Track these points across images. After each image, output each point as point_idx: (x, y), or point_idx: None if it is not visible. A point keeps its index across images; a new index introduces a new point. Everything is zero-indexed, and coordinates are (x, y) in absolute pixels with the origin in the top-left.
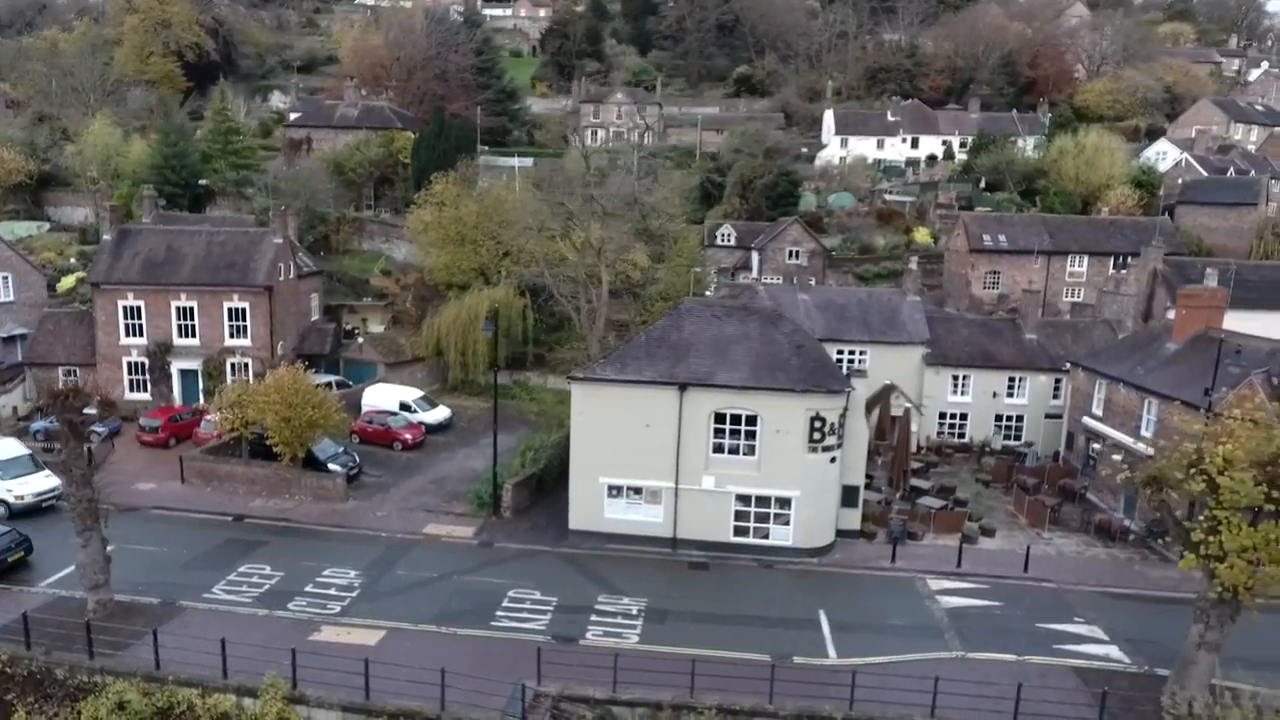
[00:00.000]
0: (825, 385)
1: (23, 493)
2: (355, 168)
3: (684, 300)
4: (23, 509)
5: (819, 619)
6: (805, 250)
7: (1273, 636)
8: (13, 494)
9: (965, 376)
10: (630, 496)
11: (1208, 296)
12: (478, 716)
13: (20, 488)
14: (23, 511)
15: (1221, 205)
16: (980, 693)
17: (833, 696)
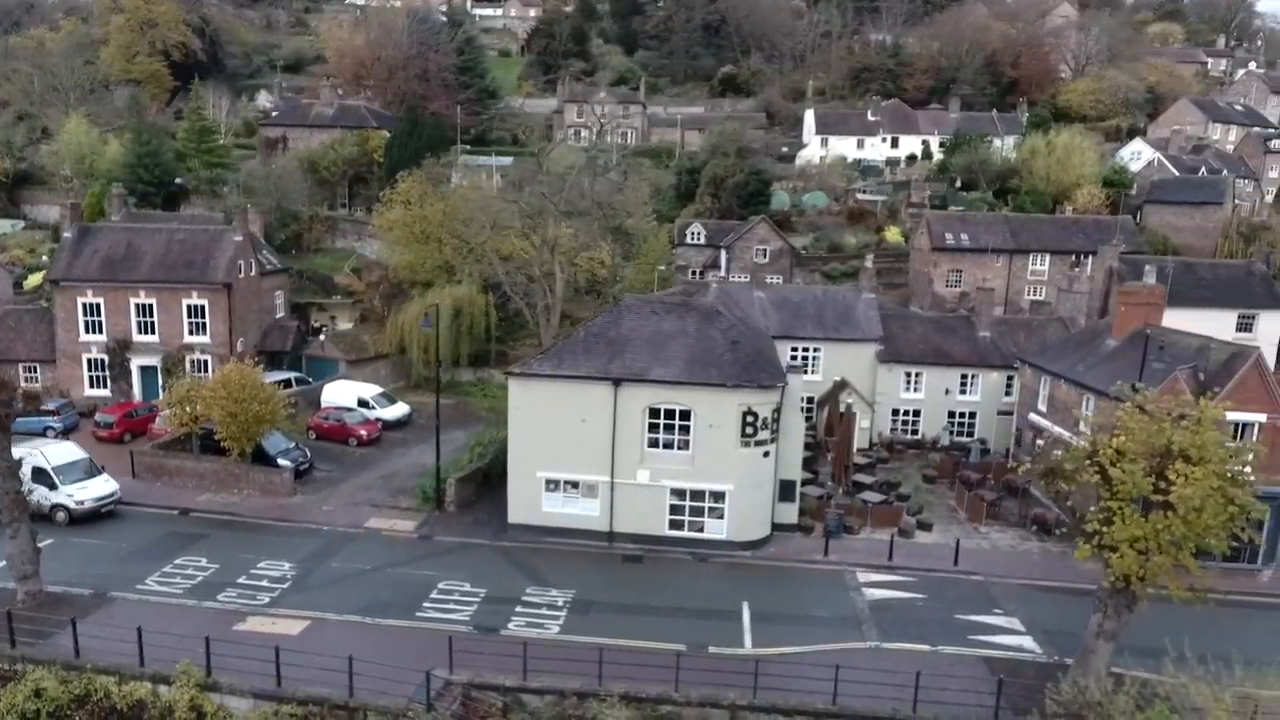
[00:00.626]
0: (757, 381)
1: (83, 498)
2: (329, 166)
3: (625, 297)
4: (84, 514)
5: (742, 610)
6: (772, 249)
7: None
8: (73, 499)
9: (918, 374)
10: (567, 490)
11: (1146, 294)
12: (385, 703)
13: (80, 493)
14: (83, 517)
15: (1188, 205)
16: (883, 680)
17: (738, 684)
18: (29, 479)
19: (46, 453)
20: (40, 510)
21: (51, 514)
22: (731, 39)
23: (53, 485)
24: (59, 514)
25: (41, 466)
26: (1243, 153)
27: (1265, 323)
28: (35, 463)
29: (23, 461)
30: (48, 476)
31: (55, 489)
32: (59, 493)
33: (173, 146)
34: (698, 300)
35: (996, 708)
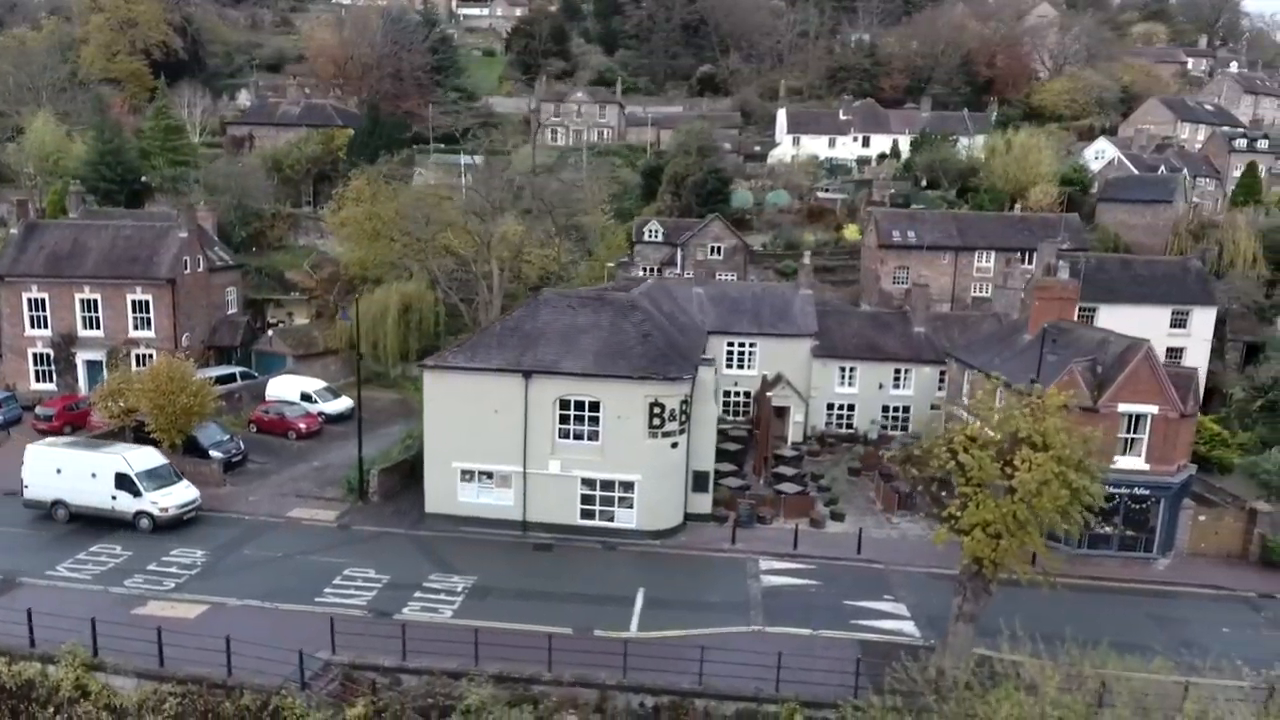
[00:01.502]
0: (663, 373)
1: (167, 505)
2: (293, 165)
3: (543, 291)
4: (167, 521)
5: (636, 596)
6: (726, 246)
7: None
8: (157, 506)
9: (852, 368)
10: (482, 481)
11: (1059, 289)
12: (261, 682)
13: (164, 499)
14: (167, 525)
15: (1140, 203)
16: (756, 662)
17: (616, 666)
18: (112, 485)
19: (129, 458)
20: (123, 517)
21: (135, 521)
22: (711, 39)
23: (137, 492)
24: (142, 521)
25: (125, 472)
26: (1208, 152)
27: (1198, 318)
28: (118, 468)
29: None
30: (131, 483)
31: (139, 495)
32: (143, 499)
33: (137, 145)
34: (613, 295)
35: (855, 686)
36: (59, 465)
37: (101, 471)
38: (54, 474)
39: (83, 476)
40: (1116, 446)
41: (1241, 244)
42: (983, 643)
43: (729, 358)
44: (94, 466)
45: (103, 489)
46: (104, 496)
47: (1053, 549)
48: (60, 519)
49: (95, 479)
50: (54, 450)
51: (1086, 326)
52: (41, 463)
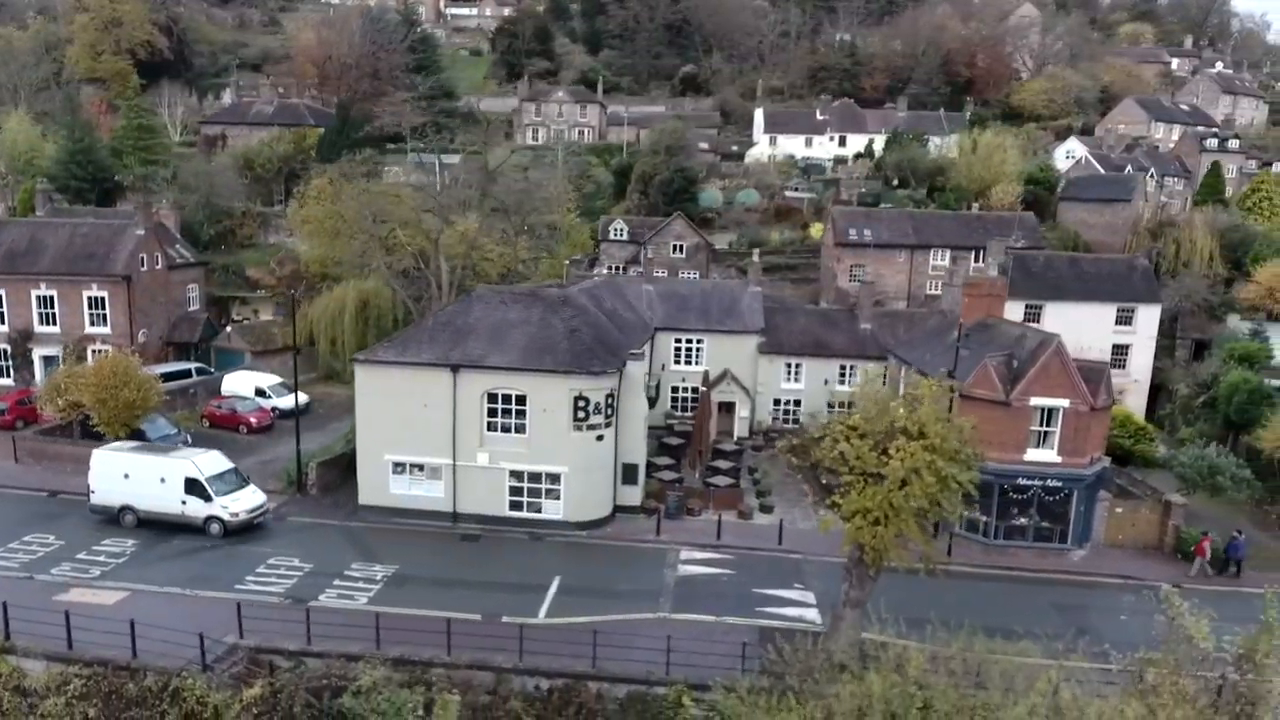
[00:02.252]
0: (587, 367)
1: (237, 510)
2: (264, 164)
3: (477, 287)
4: (237, 526)
5: (550, 585)
6: (689, 244)
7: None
8: (228, 510)
9: (798, 364)
10: (413, 473)
11: (988, 286)
12: (164, 664)
13: (234, 504)
14: (236, 530)
15: (1099, 202)
16: (653, 646)
17: (510, 650)
18: (182, 489)
19: (199, 463)
20: (193, 522)
21: (205, 526)
22: (694, 39)
23: (207, 497)
24: (213, 525)
25: (195, 477)
26: (1180, 152)
27: (1143, 316)
28: (188, 473)
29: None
30: (201, 487)
31: (210, 500)
32: (213, 504)
33: (108, 144)
34: (546, 291)
35: (741, 669)
36: (126, 470)
37: (171, 476)
38: (121, 479)
39: (151, 482)
40: (1029, 439)
41: (1198, 243)
42: (880, 628)
43: (677, 354)
44: (163, 471)
45: (172, 494)
46: (173, 501)
47: (966, 539)
48: (128, 524)
49: (164, 484)
50: (121, 455)
51: (1011, 323)
52: (108, 467)
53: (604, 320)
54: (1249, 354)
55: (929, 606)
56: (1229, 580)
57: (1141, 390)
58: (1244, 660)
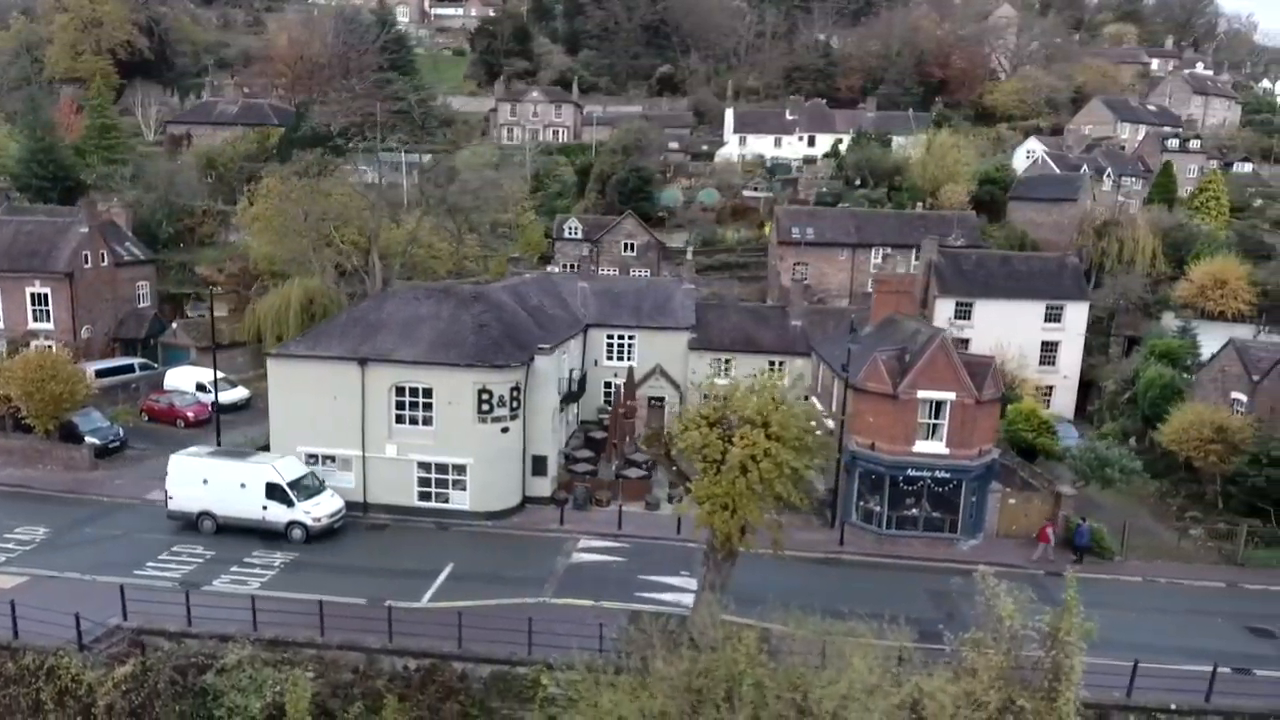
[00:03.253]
0: (490, 361)
1: (319, 514)
2: (226, 163)
3: (392, 284)
4: (320, 531)
5: (441, 571)
6: (639, 243)
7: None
8: (310, 516)
9: (729, 360)
10: (325, 464)
11: (896, 283)
12: (43, 644)
13: (316, 509)
14: (318, 535)
15: (1046, 201)
16: (518, 628)
17: (376, 630)
18: (263, 495)
19: (280, 468)
20: (274, 528)
21: (287, 531)
22: (672, 39)
23: (289, 502)
24: (295, 531)
25: (277, 483)
26: (1143, 152)
27: (1071, 313)
28: (269, 478)
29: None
30: (283, 492)
31: (292, 506)
32: (296, 509)
33: (70, 143)
34: (458, 287)
35: (599, 649)
36: (205, 475)
37: (251, 481)
38: (200, 484)
39: (231, 487)
40: (919, 431)
41: (1140, 241)
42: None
43: (609, 349)
44: (243, 476)
45: (253, 499)
46: (254, 507)
47: (861, 529)
48: (207, 530)
49: (245, 489)
50: (200, 460)
51: (914, 319)
52: (186, 473)
53: (523, 316)
54: (1168, 351)
55: (811, 593)
56: (1103, 567)
57: (1071, 386)
58: (1049, 639)
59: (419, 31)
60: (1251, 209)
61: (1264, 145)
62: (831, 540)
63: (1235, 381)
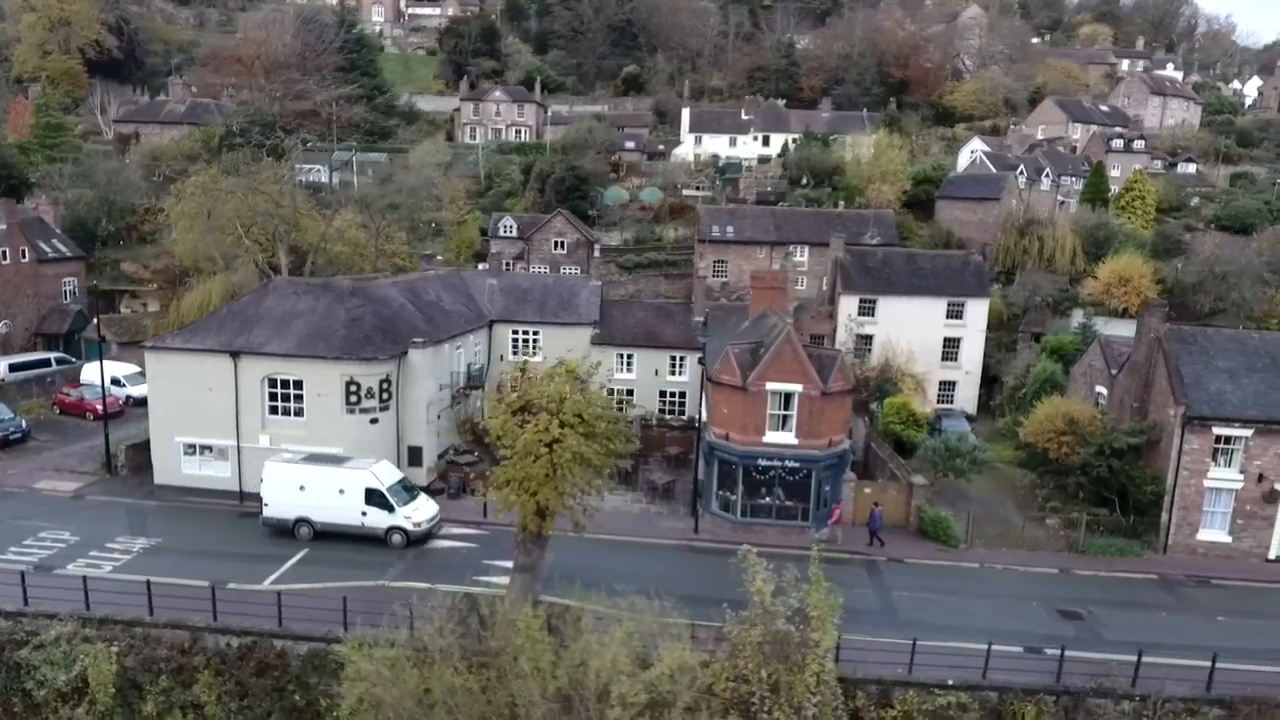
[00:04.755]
0: (357, 354)
1: (419, 519)
2: (170, 161)
3: (275, 279)
4: (419, 536)
5: (292, 556)
6: (569, 241)
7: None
8: (410, 520)
9: (630, 355)
10: (202, 454)
11: (770, 279)
12: None
13: (415, 514)
14: (418, 540)
15: (971, 200)
16: (340, 608)
17: (203, 609)
18: (362, 500)
19: (377, 473)
20: (374, 533)
21: (387, 536)
22: (639, 39)
23: (390, 508)
24: (395, 536)
25: (376, 488)
26: (1089, 152)
27: (972, 309)
28: (368, 484)
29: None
30: (383, 498)
31: (393, 511)
32: (396, 515)
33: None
34: (337, 283)
35: (410, 628)
36: (302, 482)
37: (350, 487)
38: (296, 491)
39: (329, 493)
40: (769, 422)
41: (1059, 240)
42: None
43: (514, 345)
44: (341, 482)
45: (352, 505)
46: (353, 513)
47: (719, 518)
48: (304, 537)
49: (343, 495)
50: (295, 467)
51: (780, 314)
52: (282, 479)
53: (410, 311)
54: (1059, 347)
55: (665, 578)
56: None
57: (974, 381)
58: (798, 614)
59: (394, 31)
60: (1187, 208)
61: (1219, 146)
62: (690, 529)
63: (1099, 375)
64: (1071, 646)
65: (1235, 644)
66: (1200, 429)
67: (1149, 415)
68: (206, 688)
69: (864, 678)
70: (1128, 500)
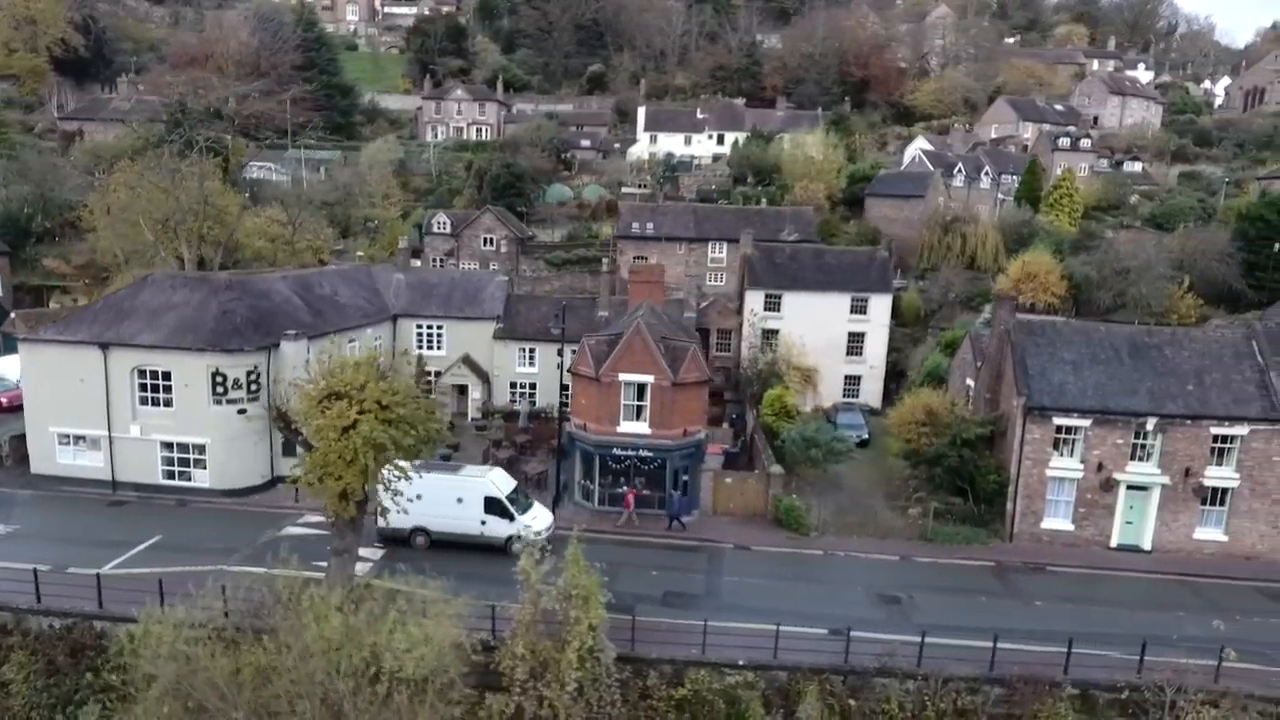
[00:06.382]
0: (223, 345)
1: (539, 528)
2: (112, 159)
3: (154, 272)
4: (539, 545)
5: (143, 542)
6: (498, 237)
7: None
8: (531, 530)
9: (532, 349)
10: (76, 444)
11: (647, 273)
12: None
13: (534, 523)
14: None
15: (898, 198)
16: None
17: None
18: (481, 509)
19: (495, 481)
20: (493, 543)
21: (507, 545)
22: (605, 38)
23: (510, 516)
24: (515, 545)
25: (495, 496)
26: (1037, 151)
27: (875, 304)
28: (487, 492)
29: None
30: (503, 507)
31: (513, 520)
32: (517, 523)
33: None
34: (214, 276)
35: (225, 612)
36: (419, 491)
37: (469, 496)
38: (413, 500)
39: (447, 502)
40: (623, 413)
41: (980, 237)
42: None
43: (419, 339)
44: (459, 491)
45: (471, 514)
46: (472, 522)
47: (580, 507)
48: (419, 546)
49: (462, 504)
50: (412, 475)
51: (661, 309)
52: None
53: (296, 304)
54: (951, 341)
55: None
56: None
57: (878, 375)
58: (562, 594)
59: (369, 30)
60: (1126, 206)
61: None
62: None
63: (969, 368)
64: (879, 630)
65: (1041, 627)
66: (1041, 419)
67: (1000, 406)
68: (17, 667)
69: (658, 658)
70: (978, 489)
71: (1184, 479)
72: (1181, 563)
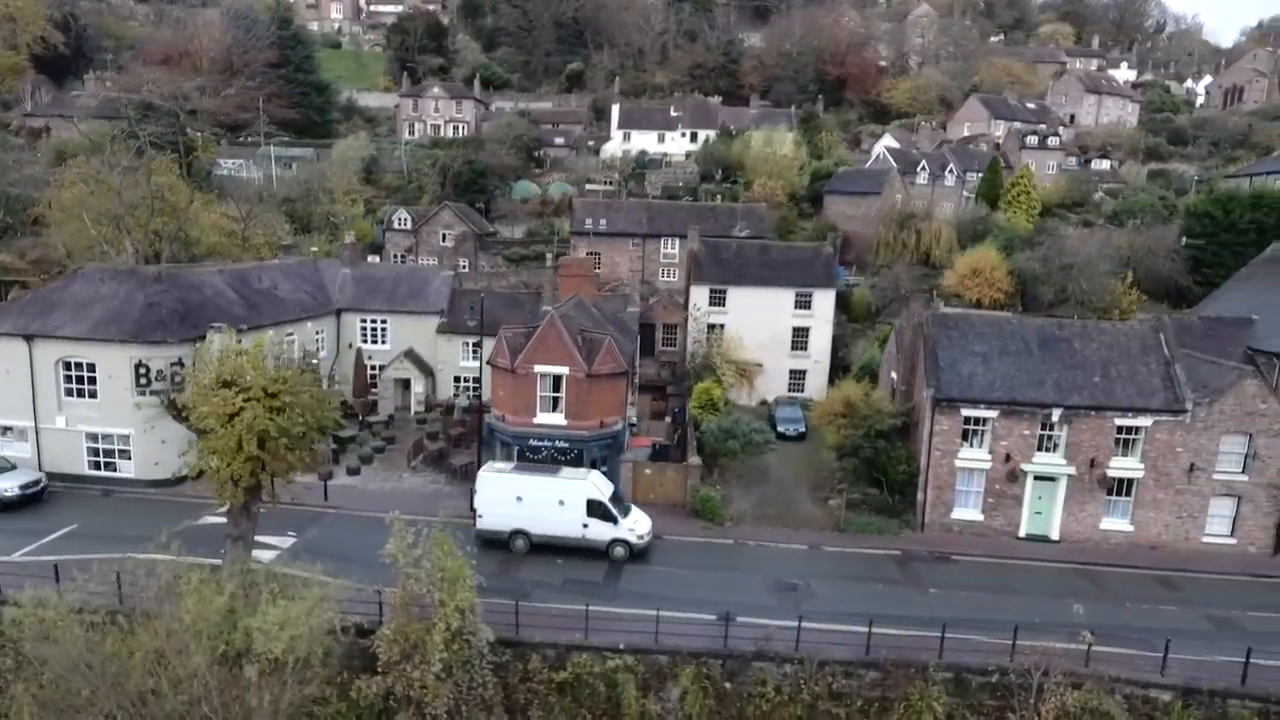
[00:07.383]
0: (146, 337)
1: (642, 532)
2: (75, 155)
3: (87, 265)
4: (641, 550)
5: (58, 531)
6: (455, 233)
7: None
8: (634, 533)
9: (476, 343)
10: (4, 435)
11: (577, 266)
12: None
13: (637, 526)
14: (640, 553)
15: (855, 195)
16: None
17: None
18: (583, 512)
19: (598, 484)
20: (595, 546)
21: (609, 549)
22: (585, 36)
23: (613, 519)
24: (617, 549)
25: (598, 499)
26: (1006, 149)
27: (819, 299)
28: (590, 495)
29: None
30: (605, 510)
31: (616, 523)
32: (620, 527)
33: None
34: (144, 270)
35: (121, 597)
36: (519, 493)
37: (570, 499)
38: (513, 502)
39: (548, 505)
40: (540, 404)
41: (935, 233)
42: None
43: (364, 334)
44: (560, 494)
45: (573, 517)
46: (574, 525)
47: None
48: (519, 550)
49: (563, 506)
50: (511, 477)
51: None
52: (498, 491)
53: (230, 297)
54: (886, 336)
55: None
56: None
57: (823, 369)
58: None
59: (353, 28)
60: (1090, 203)
61: (1150, 144)
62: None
63: (894, 361)
64: (769, 616)
65: (929, 614)
66: (949, 410)
67: (913, 398)
68: None
69: (542, 641)
70: (890, 480)
71: (1089, 470)
72: (1088, 553)
